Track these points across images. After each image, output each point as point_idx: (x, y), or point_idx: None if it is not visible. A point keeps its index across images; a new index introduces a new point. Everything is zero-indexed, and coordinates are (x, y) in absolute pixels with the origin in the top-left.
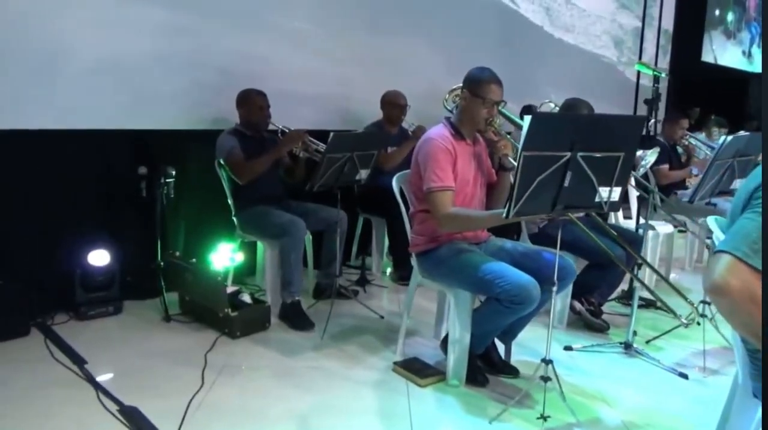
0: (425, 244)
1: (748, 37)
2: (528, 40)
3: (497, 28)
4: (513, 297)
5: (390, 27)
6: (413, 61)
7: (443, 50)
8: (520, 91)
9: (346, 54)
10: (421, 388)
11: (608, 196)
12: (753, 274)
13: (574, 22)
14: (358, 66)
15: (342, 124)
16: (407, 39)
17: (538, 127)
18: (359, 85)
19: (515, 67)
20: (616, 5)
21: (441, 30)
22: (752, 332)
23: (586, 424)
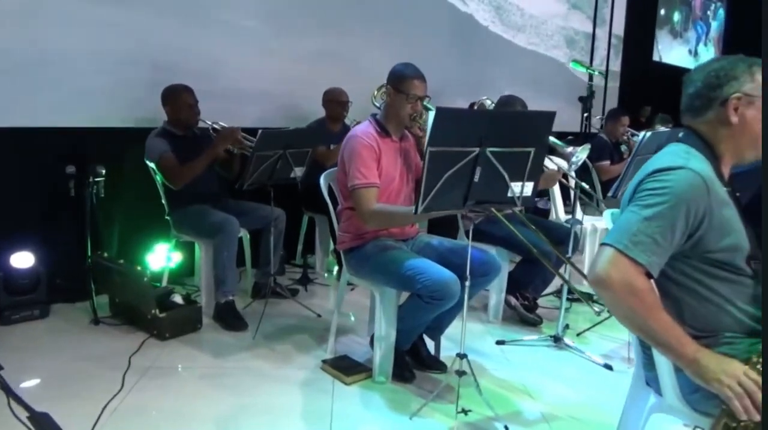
0: (351, 241)
1: (694, 36)
2: (479, 39)
3: (448, 27)
4: (433, 293)
5: (338, 25)
6: (363, 59)
7: (393, 49)
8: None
9: (291, 52)
10: (347, 386)
11: (521, 192)
12: (634, 266)
13: (525, 22)
14: (304, 64)
15: (286, 121)
16: (356, 37)
17: (443, 123)
18: (305, 82)
19: (467, 67)
20: (567, 6)
21: (391, 29)
22: (634, 324)
23: (506, 417)
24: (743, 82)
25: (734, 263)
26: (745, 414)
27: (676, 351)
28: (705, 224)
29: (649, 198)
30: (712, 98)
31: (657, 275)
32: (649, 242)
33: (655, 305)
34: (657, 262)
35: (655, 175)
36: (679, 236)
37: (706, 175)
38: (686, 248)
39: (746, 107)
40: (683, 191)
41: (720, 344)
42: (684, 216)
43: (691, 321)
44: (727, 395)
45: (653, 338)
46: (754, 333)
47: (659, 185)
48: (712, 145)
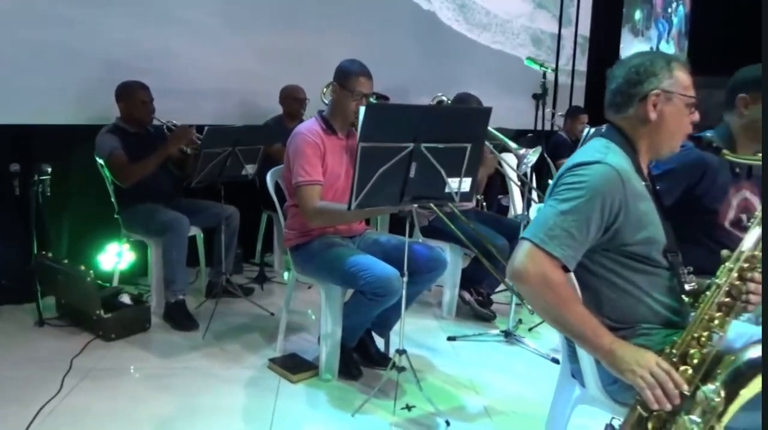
0: (297, 238)
1: (656, 34)
2: (443, 37)
3: (412, 24)
4: (376, 289)
5: (298, 21)
6: (323, 57)
7: (355, 46)
8: (438, 88)
9: (250, 48)
10: (293, 384)
11: (458, 187)
12: (549, 260)
13: (490, 20)
14: (263, 61)
15: (245, 119)
16: (316, 34)
17: (374, 119)
18: (264, 79)
19: (432, 65)
20: (533, 5)
21: (352, 25)
22: (550, 316)
23: (448, 412)
24: (662, 79)
25: (651, 255)
26: (657, 404)
27: (592, 343)
28: (621, 217)
29: (566, 192)
30: (632, 95)
31: (573, 269)
32: (565, 235)
33: (571, 297)
34: (573, 255)
35: (573, 169)
36: (595, 229)
37: (621, 169)
38: (604, 240)
39: (665, 104)
40: (598, 185)
41: (636, 335)
42: (599, 210)
43: (609, 313)
44: (640, 385)
45: (569, 330)
46: (670, 324)
47: (576, 180)
48: (632, 141)
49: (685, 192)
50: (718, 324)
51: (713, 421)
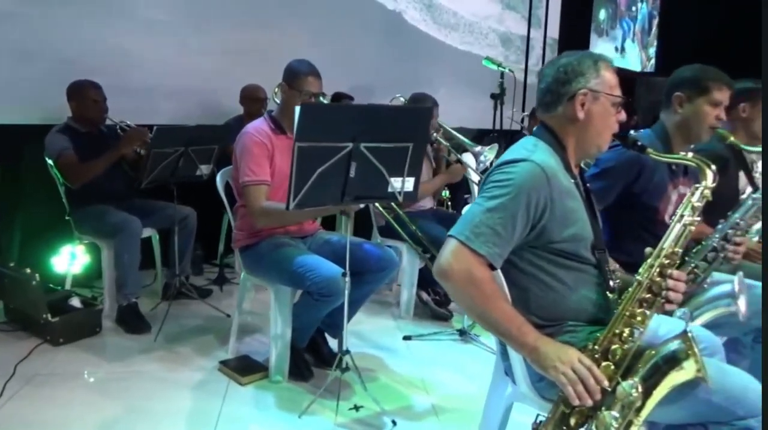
0: (246, 239)
1: (620, 33)
2: (410, 37)
3: (378, 25)
4: (321, 289)
5: (261, 20)
6: (286, 55)
7: (319, 45)
8: (405, 88)
9: (210, 47)
10: (242, 386)
11: (401, 187)
12: (474, 257)
13: (458, 21)
14: (224, 59)
15: (205, 118)
16: (280, 32)
17: (309, 118)
18: (225, 79)
19: (399, 65)
20: (501, 6)
21: (317, 24)
22: (475, 314)
23: (396, 412)
24: (589, 78)
25: (578, 252)
26: (578, 399)
27: (516, 340)
28: (547, 214)
29: (493, 190)
30: (561, 93)
31: (499, 266)
32: (490, 233)
33: (496, 295)
34: (498, 253)
35: (500, 167)
36: (522, 226)
37: (547, 166)
38: (531, 238)
39: (592, 103)
40: (524, 183)
41: (563, 332)
42: (525, 207)
43: (536, 310)
44: (561, 381)
45: (494, 327)
46: (596, 321)
47: (502, 177)
48: (560, 139)
49: (624, 189)
50: (640, 320)
51: (631, 416)
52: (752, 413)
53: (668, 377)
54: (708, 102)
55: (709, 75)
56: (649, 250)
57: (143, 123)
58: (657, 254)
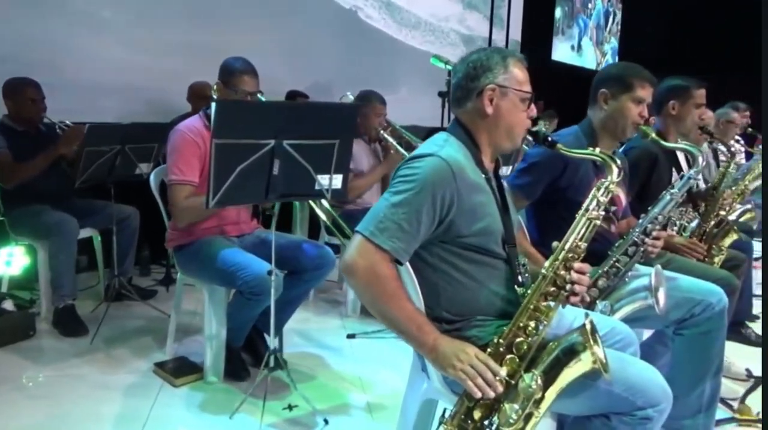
0: (179, 238)
1: (577, 31)
2: (371, 36)
3: (337, 23)
4: (252, 288)
5: (212, 16)
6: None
7: (273, 42)
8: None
9: (158, 43)
10: (175, 388)
11: (329, 184)
12: (379, 253)
13: (419, 20)
14: (173, 56)
15: (153, 116)
16: (232, 30)
17: (226, 115)
18: (175, 76)
19: (359, 64)
20: (462, 6)
21: (270, 22)
22: (376, 311)
23: (329, 410)
24: (497, 74)
25: (487, 246)
26: (479, 393)
27: (416, 339)
28: (454, 209)
29: (399, 185)
30: (470, 89)
31: (405, 261)
32: (395, 228)
33: (397, 293)
34: (404, 248)
35: (408, 162)
36: (428, 221)
37: (453, 162)
38: (439, 232)
39: (500, 98)
40: (429, 178)
41: (472, 326)
42: (430, 202)
43: (446, 305)
44: (461, 377)
45: (395, 325)
46: (506, 315)
47: (409, 172)
48: (472, 134)
49: (550, 185)
50: (544, 313)
51: (531, 408)
52: (651, 403)
53: (567, 368)
54: (631, 99)
55: (632, 72)
56: (555, 243)
57: (86, 121)
58: (561, 248)
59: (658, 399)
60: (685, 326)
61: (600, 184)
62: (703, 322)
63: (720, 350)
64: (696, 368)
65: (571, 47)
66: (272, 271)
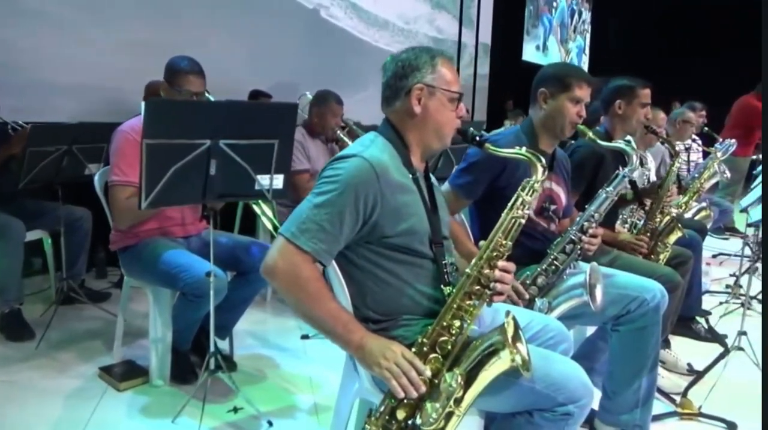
0: (123, 240)
1: (542, 30)
2: (338, 37)
3: (304, 23)
4: (194, 290)
5: (173, 14)
6: (199, 52)
7: (236, 41)
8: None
9: (116, 41)
10: (120, 392)
11: (270, 184)
12: (300, 254)
13: (387, 21)
14: (131, 55)
15: (110, 116)
16: (193, 28)
17: (157, 115)
18: (133, 75)
19: (325, 65)
20: (430, 6)
21: (237, 22)
22: (301, 312)
23: (276, 412)
24: (425, 73)
25: (412, 246)
26: (402, 392)
27: (342, 338)
28: (378, 209)
29: (322, 186)
30: (399, 88)
31: (328, 263)
32: (317, 229)
33: (320, 293)
34: (326, 249)
35: (332, 163)
36: (351, 222)
37: (377, 162)
38: (364, 233)
39: (428, 98)
40: (351, 179)
41: (398, 326)
42: (353, 203)
43: (372, 305)
44: (385, 376)
45: (320, 326)
46: (432, 314)
47: (332, 173)
48: (401, 134)
49: (490, 184)
50: (468, 312)
51: (452, 407)
52: (572, 399)
53: (488, 367)
54: (569, 99)
55: (570, 73)
56: (482, 243)
57: (40, 121)
58: (486, 247)
59: (580, 395)
60: (621, 323)
61: (525, 183)
62: (638, 318)
63: (655, 345)
64: (632, 363)
65: (536, 47)
66: (210, 272)
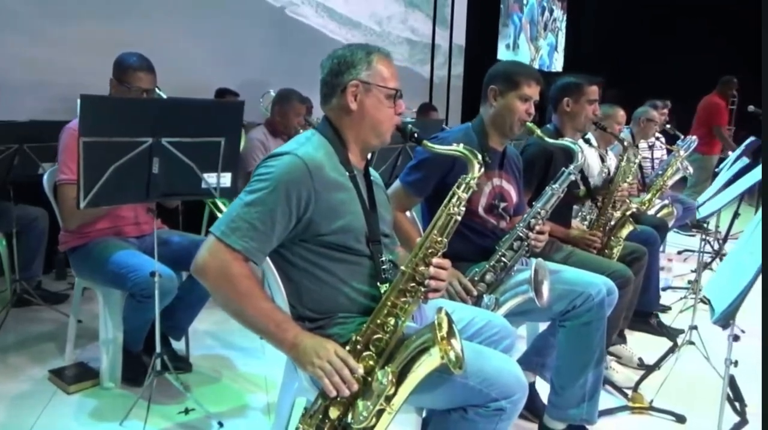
0: (73, 240)
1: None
2: (308, 36)
3: (273, 22)
4: (142, 290)
5: (135, 12)
6: (172, 51)
7: (205, 41)
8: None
9: (76, 39)
10: (69, 395)
11: (217, 183)
12: (230, 253)
13: (360, 20)
14: (92, 53)
15: (66, 114)
16: (158, 26)
17: (94, 112)
18: (95, 74)
19: (295, 63)
20: (404, 4)
21: (202, 20)
22: (232, 311)
23: (226, 413)
24: (360, 70)
25: (348, 244)
26: (334, 391)
27: (275, 337)
28: (311, 207)
29: (254, 184)
30: (335, 85)
31: (261, 261)
32: (247, 227)
33: (251, 292)
34: (257, 247)
35: (265, 161)
36: (283, 220)
37: (310, 160)
38: (298, 231)
39: (364, 94)
40: (283, 177)
41: (333, 325)
42: (285, 201)
43: (309, 304)
44: (318, 375)
45: (252, 324)
46: (368, 312)
47: (264, 171)
48: (339, 132)
49: (440, 181)
50: (402, 309)
51: (383, 405)
52: (504, 394)
53: (419, 364)
54: (518, 97)
55: (519, 71)
56: (419, 240)
57: None
58: (421, 244)
59: (512, 390)
60: (567, 318)
61: (461, 180)
62: (583, 313)
63: (600, 340)
64: (578, 358)
65: (506, 46)
66: (155, 272)
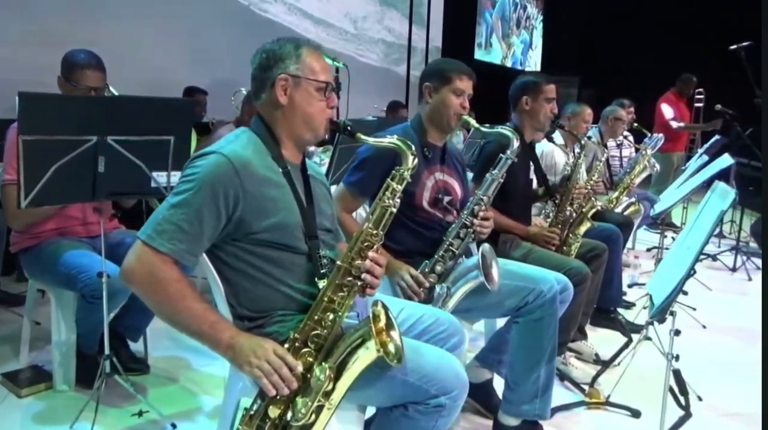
0: (23, 241)
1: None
2: (281, 35)
3: (243, 21)
4: (93, 292)
5: (100, 11)
6: (138, 50)
7: (174, 40)
8: None
9: (38, 38)
10: (20, 398)
11: (167, 182)
12: (158, 256)
13: (335, 19)
14: (51, 51)
15: None
16: (122, 25)
17: (32, 110)
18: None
19: None
20: (378, 3)
21: (170, 19)
22: (164, 316)
23: (180, 415)
24: (289, 64)
25: (283, 241)
26: (274, 390)
27: (211, 339)
28: (240, 205)
29: (180, 185)
30: (264, 80)
31: (192, 263)
32: (174, 229)
33: (181, 295)
34: (185, 249)
35: (191, 161)
36: (212, 221)
37: (236, 158)
38: (230, 230)
39: (294, 88)
40: (208, 176)
41: (272, 323)
42: (212, 201)
43: (246, 303)
44: (256, 374)
45: (185, 327)
46: (307, 309)
47: (189, 172)
48: (270, 127)
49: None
50: (340, 304)
51: (321, 400)
52: (443, 391)
53: (356, 359)
54: (451, 91)
55: (450, 66)
56: (354, 233)
57: None
58: (356, 237)
59: (451, 387)
60: (520, 314)
61: (395, 172)
62: (535, 309)
63: (552, 336)
64: (530, 354)
65: (477, 45)
66: (102, 272)
